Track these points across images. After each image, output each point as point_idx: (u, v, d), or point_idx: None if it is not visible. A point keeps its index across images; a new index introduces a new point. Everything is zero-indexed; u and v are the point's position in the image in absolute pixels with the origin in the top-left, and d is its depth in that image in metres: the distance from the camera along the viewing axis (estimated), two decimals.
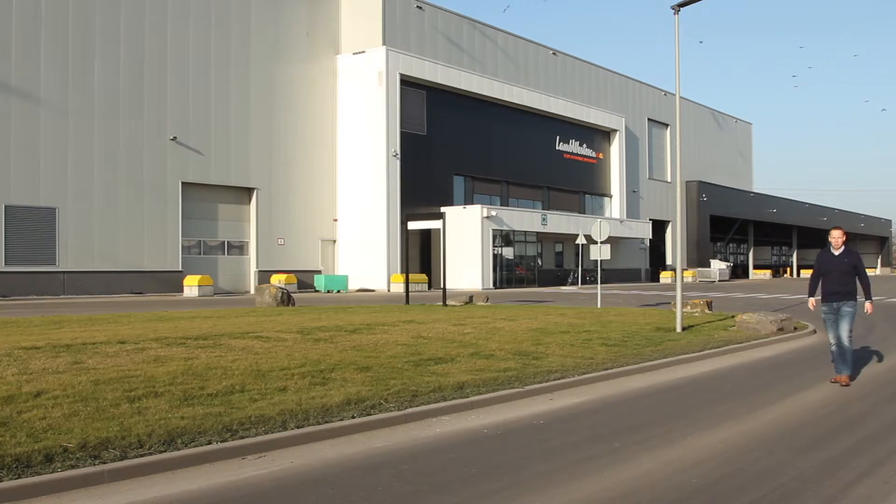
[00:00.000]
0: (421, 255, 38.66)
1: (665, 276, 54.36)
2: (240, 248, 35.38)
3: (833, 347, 9.42)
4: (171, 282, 31.63)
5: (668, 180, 60.63)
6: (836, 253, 9.39)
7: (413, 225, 23.85)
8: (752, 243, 75.41)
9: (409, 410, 7.26)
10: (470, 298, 23.25)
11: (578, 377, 9.39)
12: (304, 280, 36.28)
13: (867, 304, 9.49)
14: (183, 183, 32.40)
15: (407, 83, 38.01)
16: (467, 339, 12.31)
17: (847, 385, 9.19)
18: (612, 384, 9.42)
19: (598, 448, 6.27)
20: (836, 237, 9.41)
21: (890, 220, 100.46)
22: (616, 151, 53.69)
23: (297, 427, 6.47)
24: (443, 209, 32.48)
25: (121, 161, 30.52)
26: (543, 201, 48.22)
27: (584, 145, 51.23)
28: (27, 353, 9.32)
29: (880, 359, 11.72)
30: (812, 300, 9.68)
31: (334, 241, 38.53)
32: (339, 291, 35.14)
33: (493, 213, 39.58)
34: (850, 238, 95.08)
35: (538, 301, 26.30)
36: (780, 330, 14.96)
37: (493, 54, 44.35)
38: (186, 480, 5.31)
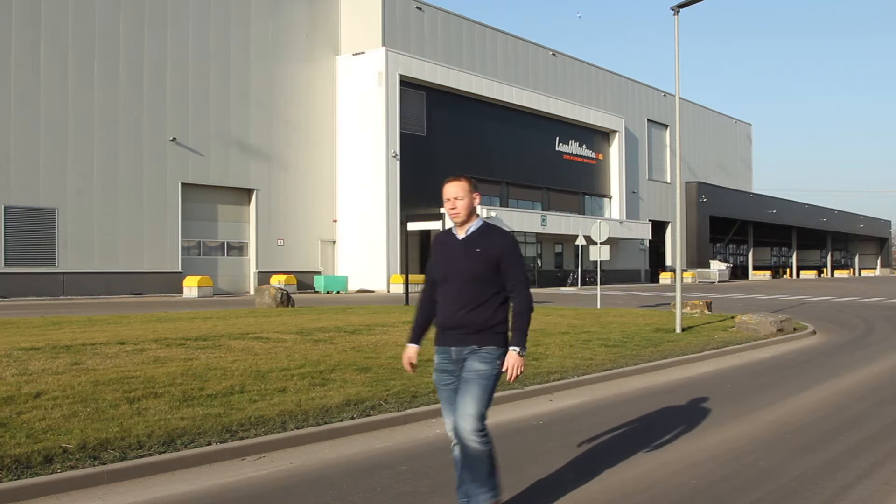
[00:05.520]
0: (421, 255, 38.64)
1: (665, 277, 54.36)
2: (239, 249, 35.36)
3: (452, 446, 4.32)
4: (170, 283, 31.61)
5: (668, 181, 60.62)
6: (460, 236, 4.31)
7: (413, 226, 23.87)
8: (751, 244, 75.40)
9: (409, 411, 7.26)
10: None
11: (578, 378, 9.39)
12: (304, 281, 36.27)
13: (510, 356, 4.17)
14: (182, 184, 32.39)
15: (406, 84, 38.01)
16: None
17: None
18: (612, 385, 9.41)
19: (598, 449, 6.27)
20: (451, 194, 4.24)
21: (889, 221, 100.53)
22: (615, 152, 53.68)
23: (297, 428, 6.47)
24: (442, 210, 32.48)
25: (120, 161, 30.51)
26: (543, 202, 48.20)
27: (584, 146, 51.22)
28: (27, 354, 9.32)
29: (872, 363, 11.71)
30: (412, 349, 4.64)
31: (334, 242, 38.52)
32: (338, 292, 35.13)
33: (493, 213, 39.56)
34: (850, 238, 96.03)
35: (538, 302, 26.18)
36: (780, 331, 14.98)
37: (493, 55, 44.35)
38: (186, 481, 5.31)
